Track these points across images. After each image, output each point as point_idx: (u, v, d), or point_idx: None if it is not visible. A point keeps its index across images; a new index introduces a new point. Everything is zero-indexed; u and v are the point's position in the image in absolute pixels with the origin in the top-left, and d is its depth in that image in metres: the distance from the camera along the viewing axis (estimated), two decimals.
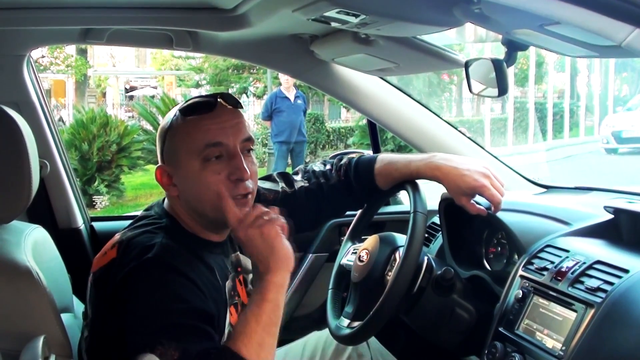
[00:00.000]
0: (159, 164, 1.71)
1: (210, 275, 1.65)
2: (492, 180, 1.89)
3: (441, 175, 1.91)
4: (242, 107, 1.74)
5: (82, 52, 19.74)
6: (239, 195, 1.65)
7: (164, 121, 1.72)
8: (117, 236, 1.67)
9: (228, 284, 1.72)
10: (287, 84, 10.36)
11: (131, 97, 24.71)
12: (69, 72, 19.41)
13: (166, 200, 1.76)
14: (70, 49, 18.73)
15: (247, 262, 1.90)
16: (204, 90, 20.68)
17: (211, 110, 1.66)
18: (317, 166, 2.10)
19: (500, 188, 1.90)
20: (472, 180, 1.88)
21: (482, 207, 1.92)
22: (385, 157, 2.03)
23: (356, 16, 1.71)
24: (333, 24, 1.86)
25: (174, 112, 1.71)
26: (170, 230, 1.66)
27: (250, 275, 1.91)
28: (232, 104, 1.70)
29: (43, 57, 17.64)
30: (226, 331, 1.68)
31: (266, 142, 12.59)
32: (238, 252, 1.87)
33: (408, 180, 1.96)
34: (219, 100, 1.68)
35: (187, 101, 1.72)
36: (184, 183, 1.67)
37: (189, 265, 1.58)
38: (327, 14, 1.74)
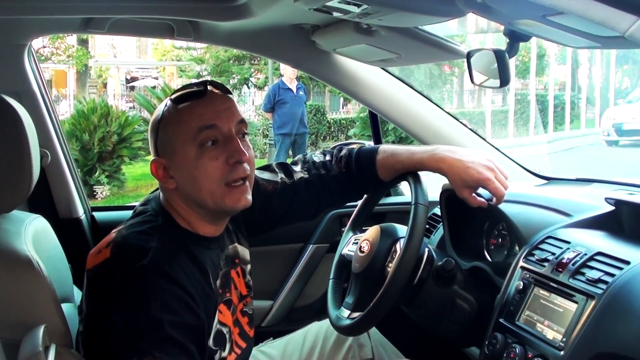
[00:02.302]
0: (153, 157, 1.70)
1: (203, 279, 1.64)
2: (496, 174, 1.89)
3: (445, 168, 1.90)
4: (231, 94, 1.73)
5: (83, 43, 19.70)
6: (237, 180, 1.64)
7: (155, 114, 1.71)
8: (112, 234, 1.66)
9: (217, 282, 1.71)
10: (293, 75, 10.33)
11: (132, 88, 24.68)
12: (70, 62, 19.37)
13: (162, 194, 1.74)
14: (71, 39, 18.69)
15: (245, 252, 1.90)
16: None
17: (202, 97, 1.66)
18: (317, 156, 2.09)
19: (504, 181, 1.89)
20: (477, 173, 1.87)
21: (483, 200, 1.91)
22: (386, 148, 2.02)
23: (358, 6, 1.71)
24: (335, 14, 1.86)
25: (164, 103, 1.70)
26: (166, 231, 1.64)
27: (249, 266, 1.91)
28: (221, 90, 1.70)
29: (44, 47, 17.61)
30: (214, 330, 1.67)
31: (267, 133, 12.58)
32: (236, 244, 1.86)
33: (409, 172, 1.96)
34: (208, 87, 1.68)
35: (177, 90, 1.71)
36: (180, 173, 1.65)
37: (183, 272, 1.57)
38: (328, 3, 1.74)
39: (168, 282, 1.53)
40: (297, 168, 2.05)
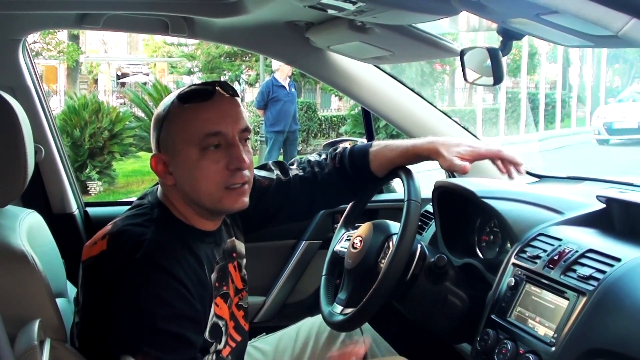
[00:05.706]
0: (154, 152, 1.70)
1: (199, 269, 1.65)
2: (484, 145, 1.94)
3: (437, 145, 1.94)
4: (239, 96, 1.74)
5: (74, 38, 19.64)
6: (236, 184, 1.65)
7: (160, 108, 1.70)
8: (108, 226, 1.67)
9: (213, 275, 1.72)
10: (289, 72, 10.28)
11: (123, 84, 24.63)
12: (60, 58, 19.29)
13: (159, 188, 1.75)
14: (62, 35, 18.62)
15: (241, 247, 1.91)
16: (196, 78, 20.62)
17: (209, 99, 1.65)
18: (313, 157, 2.13)
19: (492, 146, 1.95)
20: (467, 146, 1.92)
21: (466, 163, 1.92)
22: (379, 142, 2.06)
23: (353, 3, 1.71)
24: (329, 11, 1.86)
25: (170, 99, 1.69)
26: (161, 223, 1.65)
27: (244, 260, 1.92)
28: (230, 92, 1.69)
29: (35, 42, 17.52)
30: (210, 323, 1.68)
31: (258, 130, 12.56)
32: (233, 238, 1.88)
33: (402, 167, 1.97)
34: (217, 88, 1.67)
35: (184, 88, 1.70)
36: (180, 172, 1.66)
37: (178, 263, 1.58)
38: (323, 0, 1.74)
39: (161, 274, 1.54)
40: (293, 167, 2.09)
